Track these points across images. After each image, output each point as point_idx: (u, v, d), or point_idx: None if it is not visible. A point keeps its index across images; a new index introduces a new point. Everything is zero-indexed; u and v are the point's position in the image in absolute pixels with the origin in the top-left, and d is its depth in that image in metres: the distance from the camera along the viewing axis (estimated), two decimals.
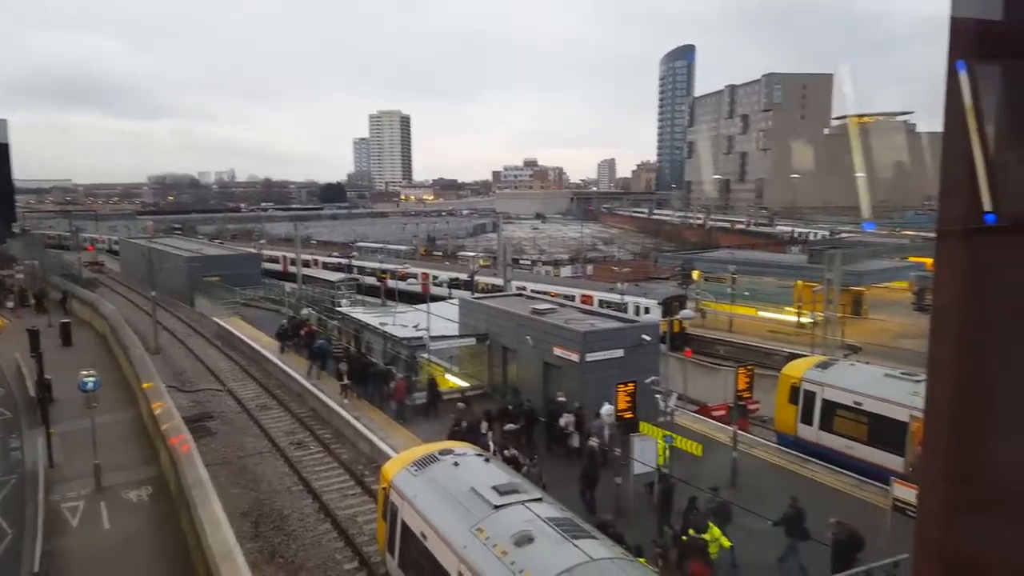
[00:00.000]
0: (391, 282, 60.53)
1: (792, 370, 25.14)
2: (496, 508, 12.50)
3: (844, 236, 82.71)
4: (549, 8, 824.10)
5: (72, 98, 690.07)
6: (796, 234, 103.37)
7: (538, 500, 12.99)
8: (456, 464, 14.69)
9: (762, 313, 48.36)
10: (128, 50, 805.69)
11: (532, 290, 44.08)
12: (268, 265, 74.76)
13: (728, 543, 15.21)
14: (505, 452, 19.78)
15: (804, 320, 43.27)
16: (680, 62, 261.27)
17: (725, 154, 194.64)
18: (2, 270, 60.47)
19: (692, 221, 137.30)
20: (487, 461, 15.31)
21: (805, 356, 29.33)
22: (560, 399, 24.14)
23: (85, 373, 21.85)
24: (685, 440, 19.70)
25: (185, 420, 24.61)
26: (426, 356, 29.89)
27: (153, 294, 45.08)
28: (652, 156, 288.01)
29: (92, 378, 21.61)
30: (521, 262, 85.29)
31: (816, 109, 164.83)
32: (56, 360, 31.11)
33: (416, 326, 32.55)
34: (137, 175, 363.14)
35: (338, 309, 44.64)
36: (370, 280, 67.46)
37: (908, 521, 13.82)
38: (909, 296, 47.93)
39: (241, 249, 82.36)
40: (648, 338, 25.93)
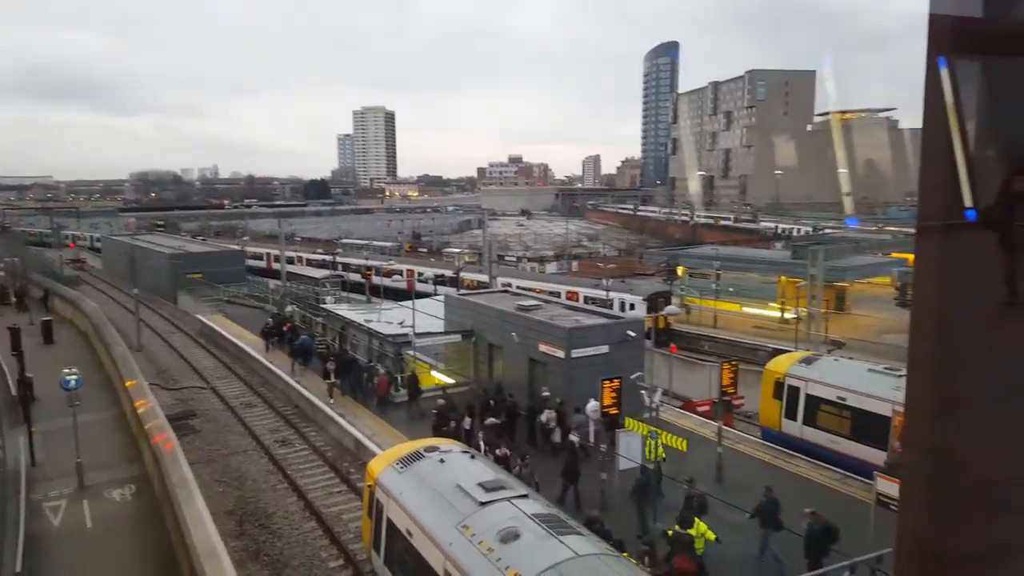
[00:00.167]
0: (376, 279, 60.37)
1: (776, 365, 25.33)
2: (482, 505, 12.47)
3: (827, 232, 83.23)
4: (535, 5, 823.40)
5: (53, 94, 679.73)
6: (780, 230, 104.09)
7: (524, 497, 12.96)
8: (442, 461, 14.64)
9: (746, 309, 48.64)
10: (110, 46, 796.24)
11: (518, 286, 44.14)
12: (252, 262, 74.22)
13: (714, 536, 15.25)
14: (497, 452, 19.78)
15: (788, 316, 43.53)
16: (664, 59, 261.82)
17: (709, 150, 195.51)
18: None
19: (677, 217, 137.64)
20: (473, 458, 15.29)
21: (789, 352, 29.55)
22: (545, 394, 24.21)
23: (67, 371, 21.58)
24: (670, 436, 19.77)
25: (168, 418, 24.35)
26: (412, 353, 29.82)
27: (136, 291, 44.73)
28: (637, 152, 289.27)
29: (74, 376, 21.35)
30: (507, 258, 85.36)
31: (799, 105, 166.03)
32: (38, 358, 30.79)
33: (401, 323, 32.51)
34: (119, 172, 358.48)
35: (323, 306, 44.44)
36: (355, 277, 67.26)
37: (891, 515, 13.91)
38: (892, 292, 48.31)
39: (224, 246, 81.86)
40: (633, 334, 26.03)
